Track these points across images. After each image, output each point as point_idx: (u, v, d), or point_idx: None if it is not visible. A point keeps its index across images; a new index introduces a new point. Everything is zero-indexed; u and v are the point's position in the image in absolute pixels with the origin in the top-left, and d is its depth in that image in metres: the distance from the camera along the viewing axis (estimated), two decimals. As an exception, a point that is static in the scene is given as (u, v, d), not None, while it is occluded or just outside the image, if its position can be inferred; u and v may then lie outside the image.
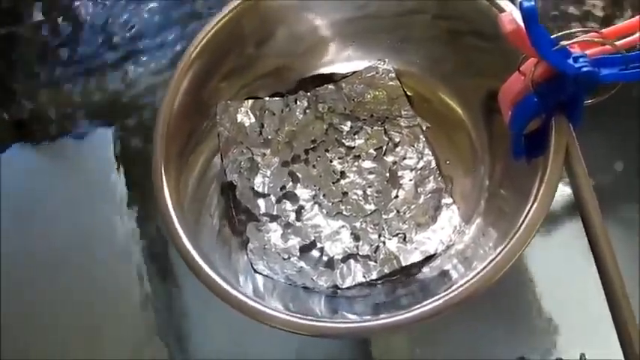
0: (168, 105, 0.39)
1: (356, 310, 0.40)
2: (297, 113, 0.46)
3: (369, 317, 0.35)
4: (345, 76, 0.47)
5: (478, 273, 0.33)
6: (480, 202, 0.41)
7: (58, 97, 0.56)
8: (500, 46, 0.36)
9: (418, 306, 0.33)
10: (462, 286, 0.33)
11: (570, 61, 0.31)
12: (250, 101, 0.45)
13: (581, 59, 0.31)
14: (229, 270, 0.40)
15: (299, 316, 0.34)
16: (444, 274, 0.40)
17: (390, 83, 0.46)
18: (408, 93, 0.46)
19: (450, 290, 0.33)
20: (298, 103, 0.46)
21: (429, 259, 0.41)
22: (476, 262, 0.37)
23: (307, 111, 0.46)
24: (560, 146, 0.33)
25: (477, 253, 0.39)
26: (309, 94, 0.47)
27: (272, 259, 0.42)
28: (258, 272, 0.41)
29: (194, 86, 0.41)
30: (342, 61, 0.47)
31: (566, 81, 0.31)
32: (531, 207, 0.34)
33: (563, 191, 0.43)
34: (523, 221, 0.34)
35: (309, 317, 0.34)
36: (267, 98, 0.46)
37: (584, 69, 0.30)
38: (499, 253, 0.33)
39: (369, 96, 0.46)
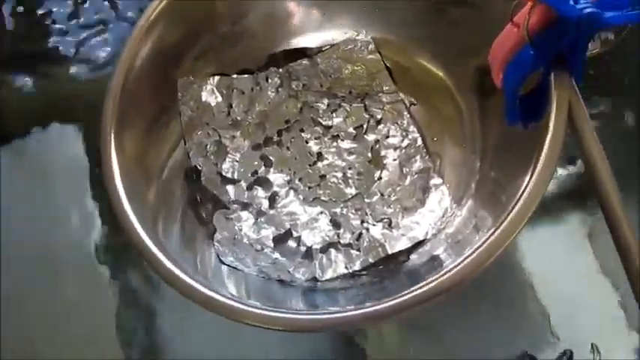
0: (121, 73, 0.35)
1: (339, 304, 0.35)
2: (269, 92, 0.42)
3: (352, 307, 0.31)
4: (320, 50, 0.43)
5: (469, 256, 0.29)
6: (472, 180, 0.37)
7: (16, 95, 0.52)
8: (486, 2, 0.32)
9: (405, 292, 0.29)
10: (451, 270, 0.29)
11: (570, 2, 0.27)
12: (216, 78, 0.41)
13: (582, 0, 0.27)
14: (195, 264, 0.36)
15: (271, 308, 0.30)
16: (434, 260, 0.36)
17: (370, 57, 0.42)
18: (387, 64, 0.42)
19: (439, 275, 0.29)
20: (269, 80, 0.42)
21: (417, 245, 0.37)
22: (469, 247, 0.33)
23: (279, 89, 0.42)
24: (563, 104, 0.29)
25: (470, 237, 0.35)
26: (281, 70, 0.42)
27: (242, 251, 0.37)
28: (226, 264, 0.36)
29: (154, 55, 0.37)
30: (315, 30, 0.43)
31: (567, 26, 0.27)
32: (530, 178, 0.30)
33: (559, 179, 0.41)
34: (521, 195, 0.29)
35: (282, 309, 0.30)
36: (234, 75, 0.42)
37: (587, 10, 0.26)
38: (492, 234, 0.29)
39: (346, 71, 0.42)
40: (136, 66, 0.37)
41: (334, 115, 0.42)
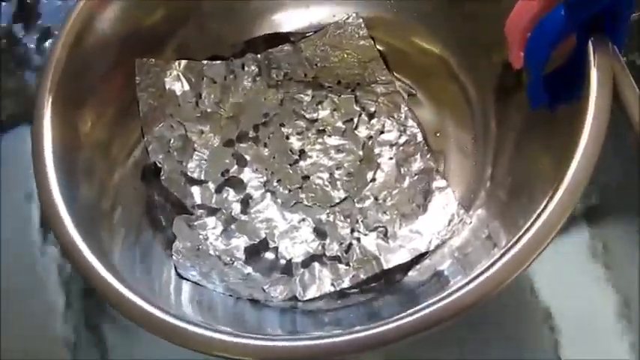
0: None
1: (323, 328, 0.29)
2: (245, 81, 0.37)
3: (338, 332, 0.25)
4: (304, 36, 0.37)
5: (481, 275, 0.23)
6: (484, 183, 0.32)
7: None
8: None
9: (403, 315, 0.23)
10: (459, 291, 0.23)
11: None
12: (182, 62, 0.36)
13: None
14: (150, 281, 0.29)
15: (240, 334, 0.24)
16: (438, 276, 0.30)
17: (362, 43, 0.37)
18: (382, 48, 0.37)
19: (444, 296, 0.23)
20: (245, 68, 0.37)
21: (418, 258, 0.32)
22: (480, 264, 0.27)
23: (257, 78, 0.37)
24: (606, 77, 0.23)
25: (481, 251, 0.29)
26: (259, 57, 0.37)
27: (208, 264, 0.32)
28: (184, 278, 0.30)
29: (119, 35, 0.32)
30: (299, 10, 0.37)
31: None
32: (563, 177, 0.24)
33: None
34: (549, 200, 0.24)
35: (253, 336, 0.24)
36: (205, 61, 0.36)
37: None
38: (510, 250, 0.23)
39: (335, 59, 0.37)
40: (88, 44, 0.31)
41: (320, 107, 0.36)
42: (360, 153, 0.35)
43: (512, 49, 0.27)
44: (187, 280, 0.30)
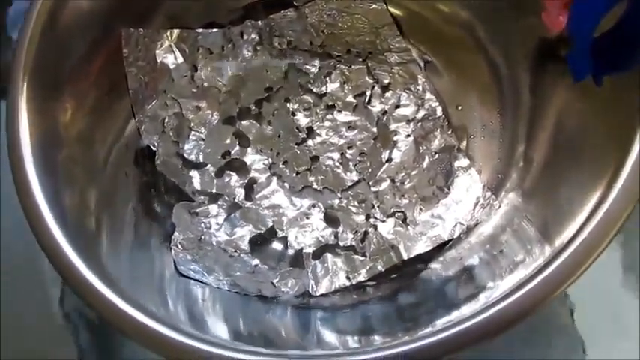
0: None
1: (339, 327, 0.27)
2: (244, 51, 0.34)
3: (356, 346, 0.22)
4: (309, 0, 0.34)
5: (528, 282, 0.21)
6: (514, 162, 0.29)
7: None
8: None
9: (434, 330, 0.21)
10: (507, 297, 0.21)
11: None
12: (175, 32, 0.33)
13: None
14: (149, 280, 0.27)
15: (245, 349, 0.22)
16: (468, 273, 0.28)
17: (373, 7, 0.34)
18: (397, 12, 0.34)
19: (487, 304, 0.21)
20: (245, 36, 0.34)
21: (441, 248, 0.29)
22: (521, 258, 0.25)
23: (258, 47, 0.34)
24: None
25: (518, 244, 0.26)
26: (260, 23, 0.34)
27: (210, 257, 0.30)
28: (184, 276, 0.28)
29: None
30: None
31: None
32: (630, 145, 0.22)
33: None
34: (612, 184, 0.21)
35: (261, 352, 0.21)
36: (199, 30, 0.33)
37: None
38: (561, 252, 0.21)
39: (344, 25, 0.34)
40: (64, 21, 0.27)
41: (328, 79, 0.34)
42: (374, 130, 0.33)
43: (551, 10, 0.24)
44: (189, 277, 0.27)
